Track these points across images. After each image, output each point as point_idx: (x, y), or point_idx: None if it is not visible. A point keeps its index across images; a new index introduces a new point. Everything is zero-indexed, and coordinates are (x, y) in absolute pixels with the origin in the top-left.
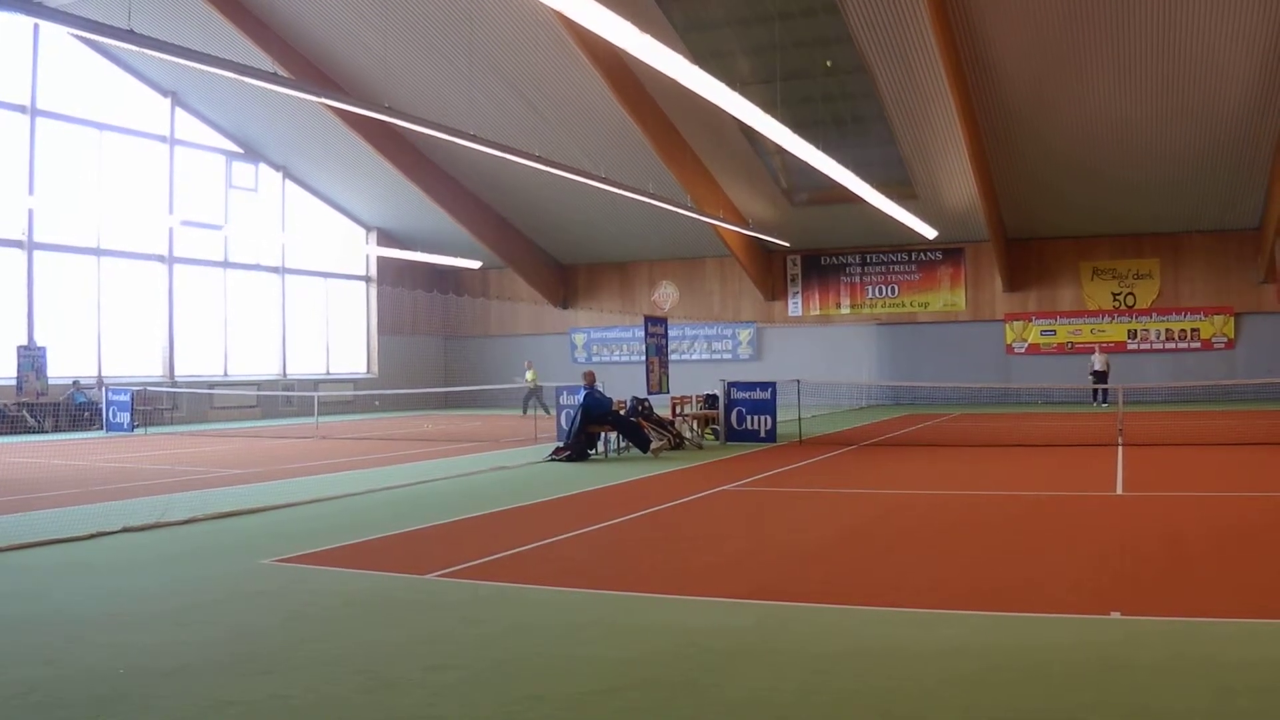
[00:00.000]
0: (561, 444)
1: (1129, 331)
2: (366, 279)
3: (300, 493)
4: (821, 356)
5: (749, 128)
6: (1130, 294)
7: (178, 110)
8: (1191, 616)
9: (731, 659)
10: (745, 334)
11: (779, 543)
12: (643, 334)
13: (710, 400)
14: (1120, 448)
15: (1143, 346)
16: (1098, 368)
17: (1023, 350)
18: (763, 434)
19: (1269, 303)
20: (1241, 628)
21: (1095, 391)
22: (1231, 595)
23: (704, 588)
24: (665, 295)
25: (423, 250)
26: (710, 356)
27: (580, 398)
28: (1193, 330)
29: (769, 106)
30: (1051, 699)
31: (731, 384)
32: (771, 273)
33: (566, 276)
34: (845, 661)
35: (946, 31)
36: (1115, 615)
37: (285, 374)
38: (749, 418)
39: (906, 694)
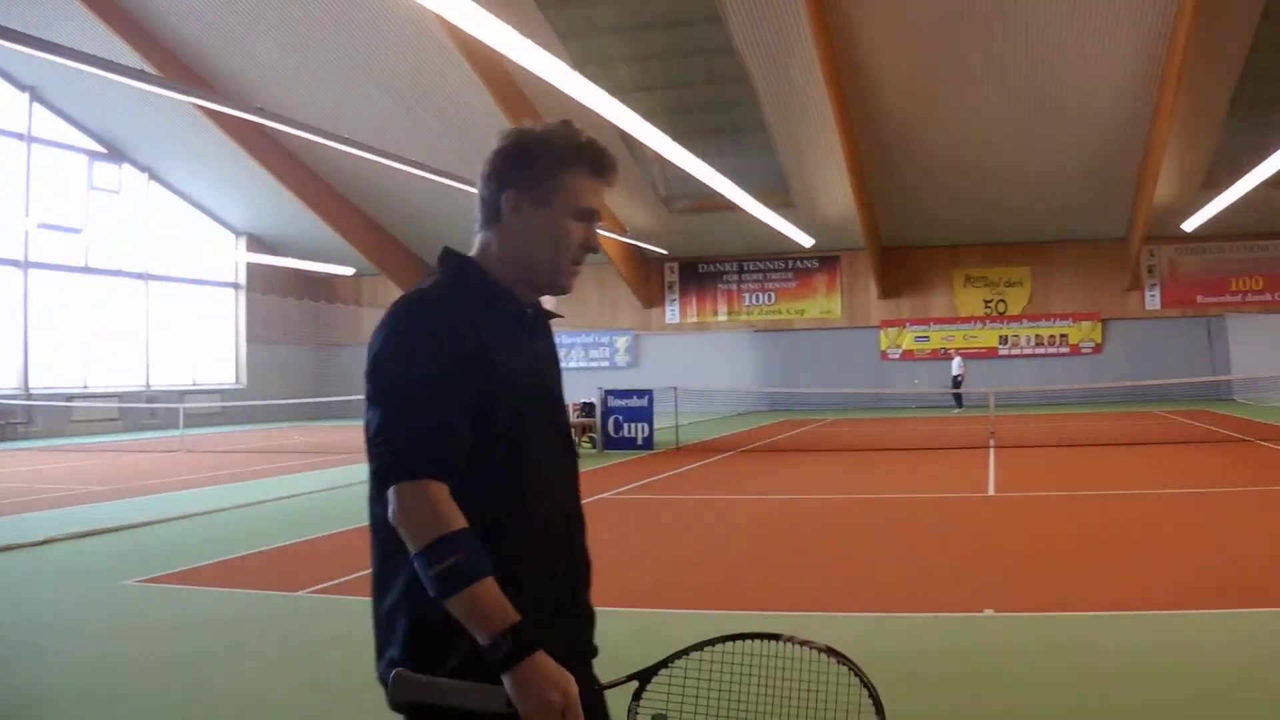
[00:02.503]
0: None
1: (1000, 337)
2: (235, 286)
3: (165, 509)
4: (699, 363)
5: (629, 135)
6: (1001, 301)
7: (36, 106)
8: (1061, 611)
9: (610, 668)
10: (623, 341)
11: (657, 550)
12: None
13: (587, 408)
14: (991, 450)
15: (1013, 352)
16: (955, 372)
17: (897, 356)
18: (640, 441)
19: (1134, 309)
20: (1108, 619)
21: (955, 396)
22: (1098, 589)
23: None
24: (543, 301)
25: (295, 256)
26: (587, 364)
27: None
28: (1061, 336)
29: (649, 114)
30: (930, 697)
31: (609, 391)
32: (649, 280)
33: None
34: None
35: (826, 43)
36: (989, 613)
37: (149, 385)
38: (626, 425)
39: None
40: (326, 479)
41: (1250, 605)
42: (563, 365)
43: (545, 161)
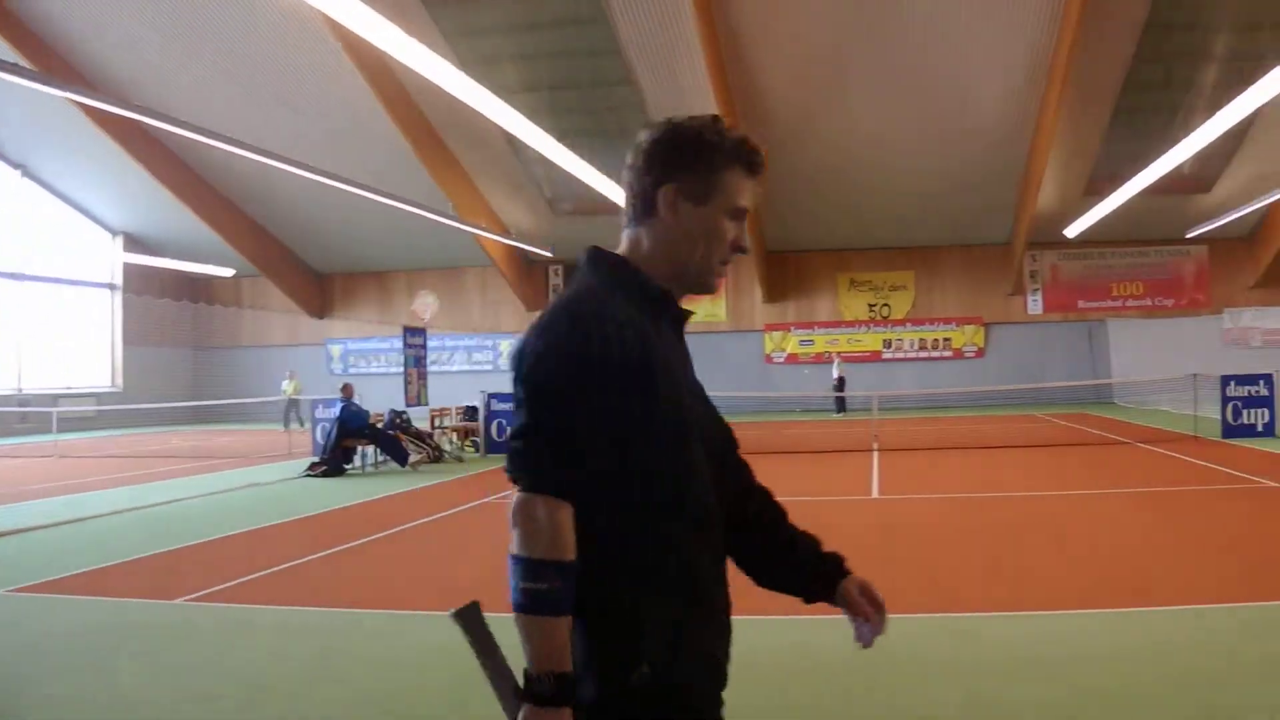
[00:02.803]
0: (317, 459)
1: (884, 341)
2: (111, 286)
3: (37, 516)
4: None
5: (514, 137)
6: (886, 305)
7: None
8: (943, 612)
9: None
10: (506, 345)
11: None
12: (401, 345)
13: (470, 412)
14: (875, 453)
15: (897, 355)
16: (836, 375)
17: (781, 360)
18: None
19: (1016, 313)
20: (992, 620)
21: (837, 399)
22: (981, 589)
23: (465, 601)
24: (425, 305)
25: (173, 257)
26: (470, 368)
27: (336, 411)
28: (945, 340)
29: (535, 115)
30: (822, 689)
31: (492, 395)
32: (533, 283)
33: (323, 285)
34: None
35: (714, 48)
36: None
37: (20, 389)
38: (510, 429)
39: None
40: (205, 484)
41: (1131, 604)
42: (444, 369)
43: (705, 158)
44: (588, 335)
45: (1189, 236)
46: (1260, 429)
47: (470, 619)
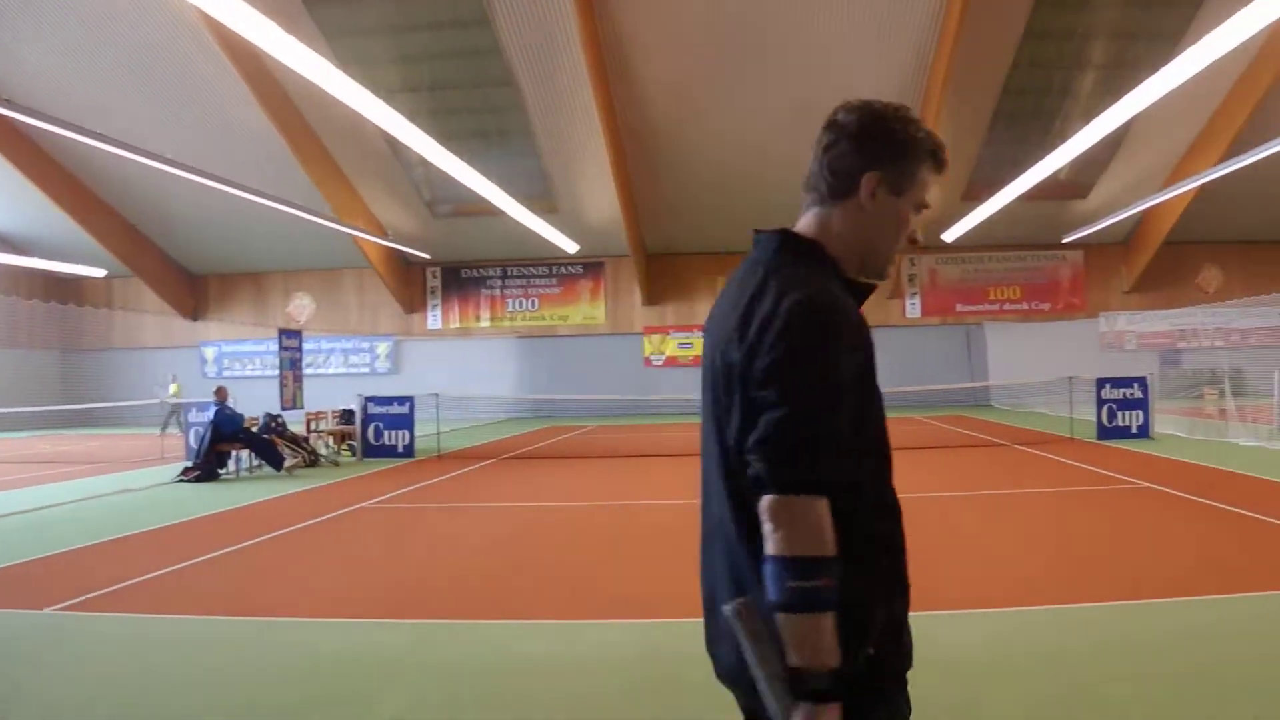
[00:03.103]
0: (191, 464)
1: None
2: None
3: None
4: (461, 370)
5: (394, 138)
6: None
7: None
8: None
9: (372, 679)
10: (383, 347)
11: (419, 560)
12: (277, 347)
13: (347, 415)
14: None
15: None
16: None
17: (660, 363)
18: (401, 449)
19: (895, 317)
20: None
21: None
22: None
23: (343, 609)
24: (301, 307)
25: (41, 256)
26: (347, 370)
27: (210, 415)
28: None
29: (414, 116)
30: (705, 698)
31: (369, 398)
32: (411, 285)
33: (197, 287)
34: (492, 675)
35: (595, 50)
36: None
37: None
38: (387, 433)
39: (558, 703)
40: (73, 490)
41: (1009, 605)
42: (321, 372)
43: (909, 151)
44: (837, 332)
45: (1065, 242)
46: (1135, 431)
47: (748, 614)
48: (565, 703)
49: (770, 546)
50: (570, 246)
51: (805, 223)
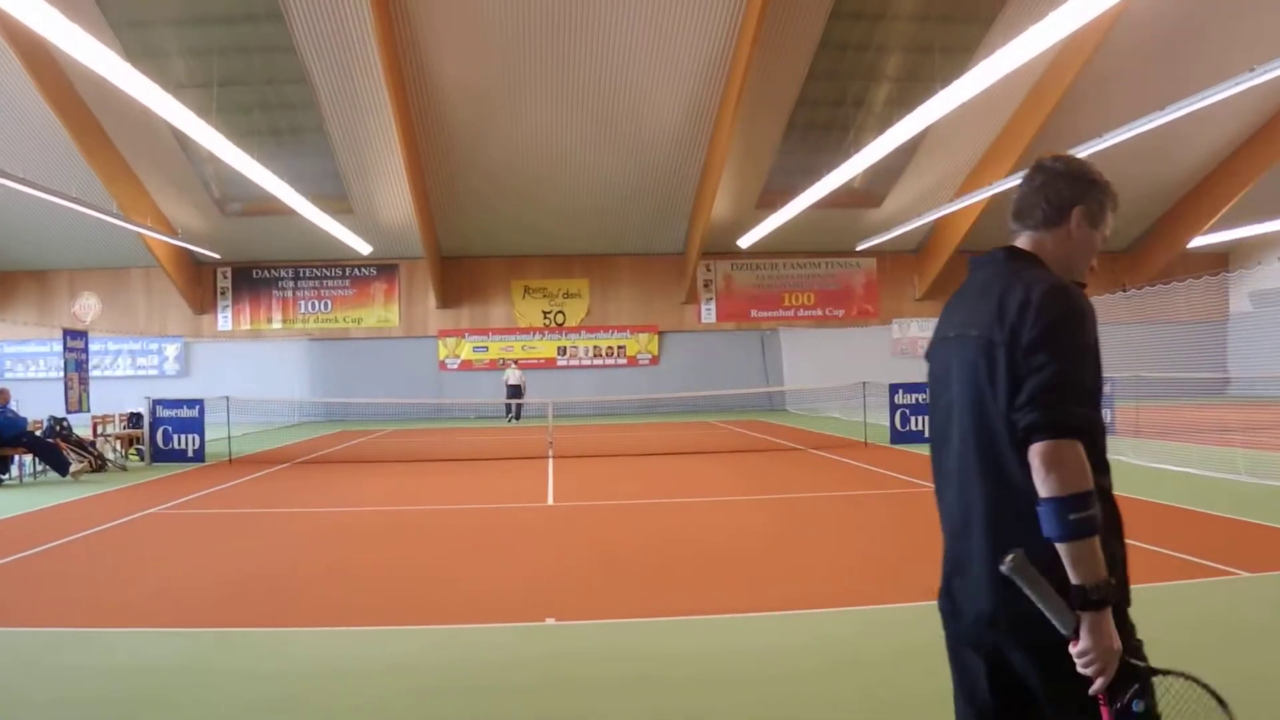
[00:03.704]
0: None
1: (559, 348)
2: None
3: None
4: (253, 372)
5: (182, 133)
6: (560, 312)
7: None
8: (620, 618)
9: (163, 688)
10: (172, 349)
11: (212, 566)
12: (61, 348)
13: (135, 419)
14: (550, 460)
15: (572, 363)
16: (512, 382)
17: (455, 366)
18: (191, 454)
19: (690, 322)
20: (666, 625)
21: (508, 406)
22: (654, 595)
23: (134, 619)
24: (86, 307)
25: None
26: (135, 372)
27: None
28: (619, 347)
29: (204, 112)
30: (497, 707)
31: (158, 401)
32: (201, 285)
33: None
34: (294, 682)
35: (391, 49)
36: (550, 621)
37: None
38: (176, 437)
39: (356, 709)
40: None
41: (809, 606)
42: (108, 374)
43: (1103, 193)
44: (1085, 310)
45: (859, 249)
46: (928, 435)
47: (1022, 565)
48: (371, 709)
49: (1045, 490)
50: (364, 248)
51: (1021, 242)
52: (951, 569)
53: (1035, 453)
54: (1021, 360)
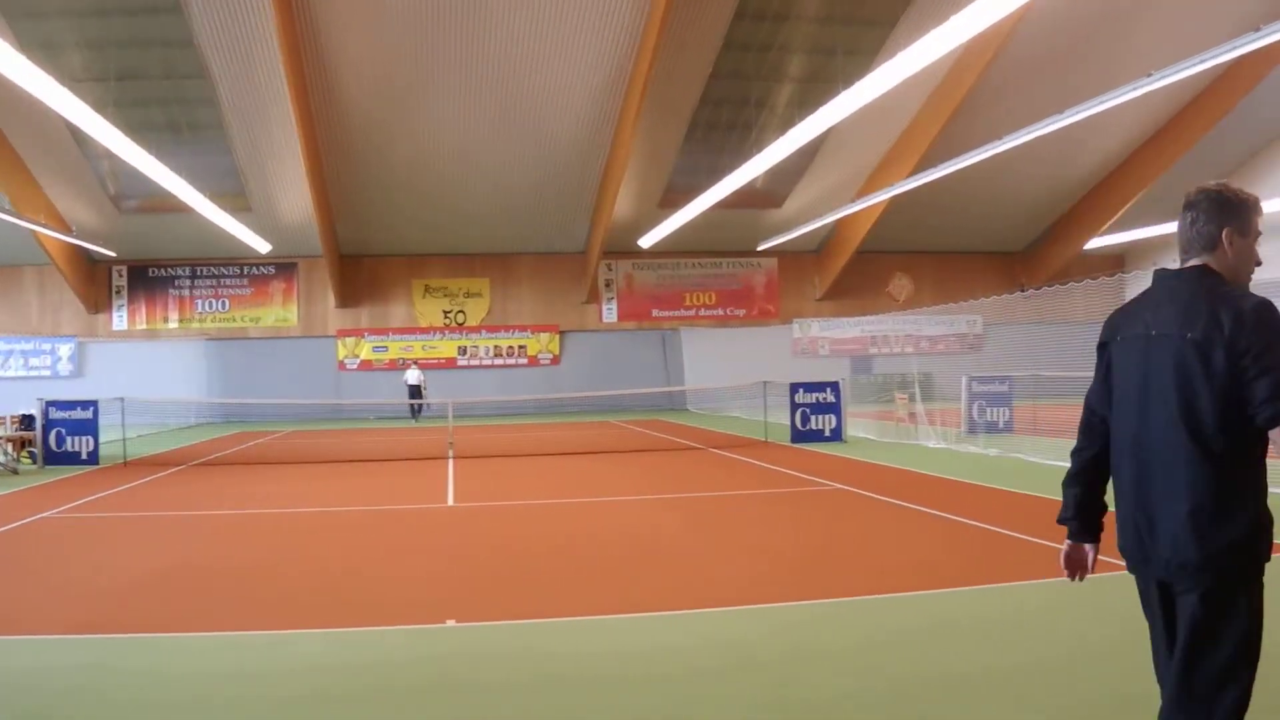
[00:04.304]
0: None
1: (459, 348)
2: None
3: None
4: (149, 373)
5: (78, 128)
6: (461, 311)
7: None
8: (522, 619)
9: (54, 697)
10: (65, 349)
11: (107, 571)
12: None
13: (27, 421)
14: (451, 461)
15: (473, 363)
16: (412, 382)
17: (355, 366)
18: (85, 456)
19: (591, 321)
20: (568, 625)
21: (412, 406)
22: (556, 596)
23: (25, 625)
24: None
25: None
26: (27, 373)
27: None
28: (520, 347)
29: (100, 106)
30: (398, 710)
31: (50, 403)
32: (95, 284)
33: None
34: (191, 685)
35: (292, 45)
36: (451, 624)
37: None
38: (70, 439)
39: (256, 713)
40: None
41: (710, 605)
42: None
43: (1244, 207)
44: None
45: (760, 249)
46: (828, 434)
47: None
48: (259, 713)
49: None
50: (262, 246)
51: (1202, 261)
52: (1144, 524)
53: (1276, 433)
54: (1245, 364)
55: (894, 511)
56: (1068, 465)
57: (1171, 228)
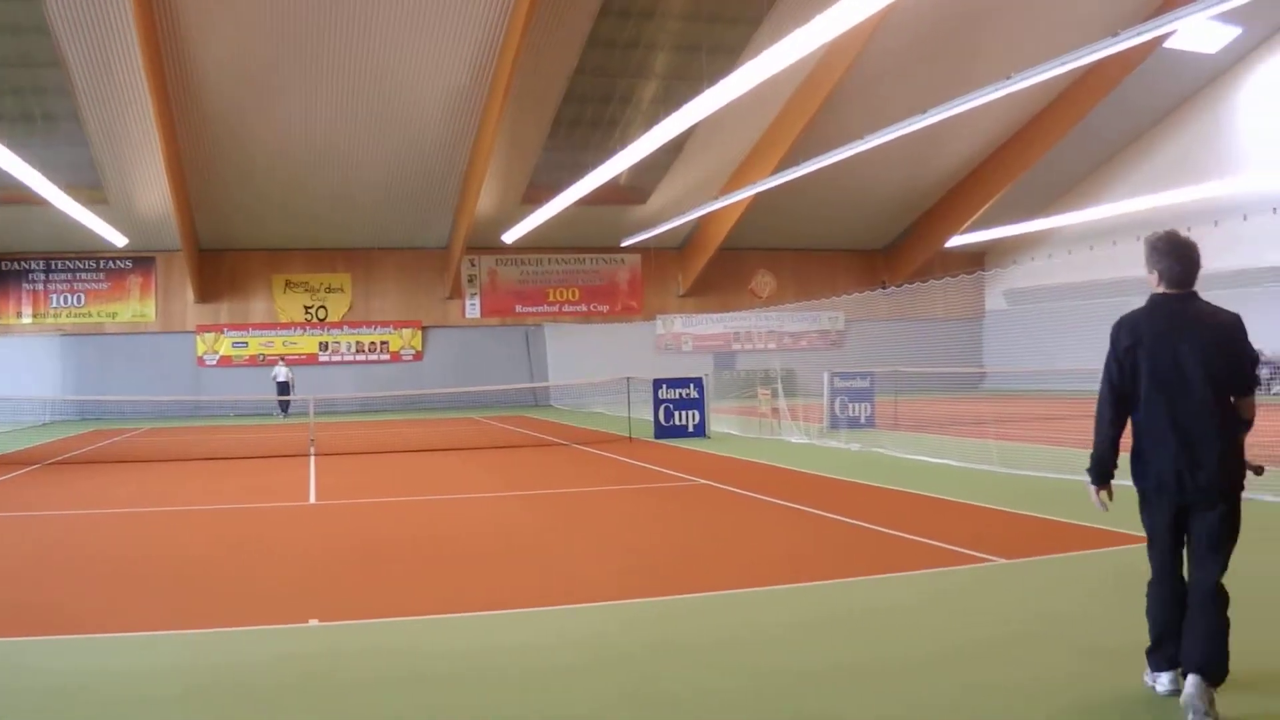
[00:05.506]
0: None
1: (320, 344)
2: None
3: None
4: (0, 369)
5: None
6: (322, 307)
7: None
8: (385, 617)
9: None
10: None
11: None
12: None
13: None
14: (312, 458)
15: (334, 359)
16: (280, 379)
17: (214, 363)
18: None
19: (455, 317)
20: (435, 623)
21: (281, 403)
22: (419, 594)
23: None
24: None
25: None
26: None
27: None
28: (382, 343)
29: None
30: (260, 710)
31: None
32: None
33: None
34: (45, 695)
35: (150, 35)
36: (313, 623)
37: None
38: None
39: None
40: None
41: (572, 601)
42: None
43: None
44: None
45: (624, 245)
46: (692, 430)
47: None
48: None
49: (1245, 414)
50: (119, 239)
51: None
52: (1187, 463)
53: (1245, 402)
54: (1239, 354)
55: (759, 506)
56: (927, 459)
57: (1030, 226)
